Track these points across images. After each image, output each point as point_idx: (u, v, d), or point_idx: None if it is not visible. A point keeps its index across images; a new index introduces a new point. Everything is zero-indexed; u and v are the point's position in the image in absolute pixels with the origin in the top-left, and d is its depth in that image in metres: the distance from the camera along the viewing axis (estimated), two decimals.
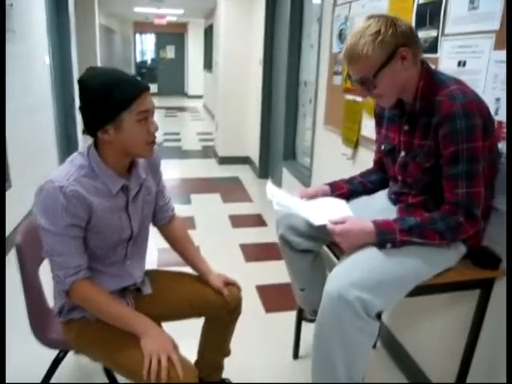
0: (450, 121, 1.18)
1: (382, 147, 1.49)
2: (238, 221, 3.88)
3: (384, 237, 1.22)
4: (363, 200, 1.57)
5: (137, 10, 9.69)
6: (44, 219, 1.19)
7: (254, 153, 5.54)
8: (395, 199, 1.47)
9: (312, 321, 1.97)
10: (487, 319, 1.45)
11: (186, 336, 1.46)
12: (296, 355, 2.06)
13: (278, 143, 4.78)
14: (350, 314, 1.15)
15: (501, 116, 1.38)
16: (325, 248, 1.63)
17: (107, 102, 1.16)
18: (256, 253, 3.25)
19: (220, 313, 1.53)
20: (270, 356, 2.09)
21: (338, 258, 1.53)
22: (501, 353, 1.43)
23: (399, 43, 1.21)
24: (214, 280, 1.52)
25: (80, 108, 1.23)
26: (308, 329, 2.00)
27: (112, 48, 9.54)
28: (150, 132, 1.24)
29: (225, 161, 5.88)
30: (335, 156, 2.76)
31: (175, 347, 1.21)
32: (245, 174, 5.51)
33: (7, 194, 2.93)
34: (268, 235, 3.58)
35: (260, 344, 2.18)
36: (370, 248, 1.24)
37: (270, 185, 1.56)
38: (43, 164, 3.90)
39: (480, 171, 1.21)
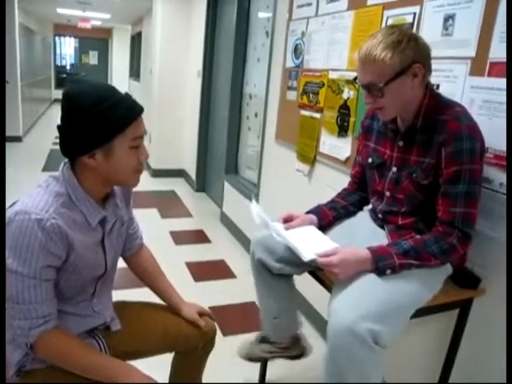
0: (456, 140, 1.18)
1: (370, 160, 1.45)
2: (180, 237, 3.70)
3: (383, 262, 1.18)
4: (345, 225, 1.51)
5: (60, 11, 9.09)
6: (12, 259, 0.98)
7: (190, 166, 5.38)
8: (382, 218, 1.43)
9: None
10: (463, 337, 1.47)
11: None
12: (263, 381, 1.96)
13: (217, 156, 4.68)
14: (362, 348, 1.09)
15: None
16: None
17: (101, 124, 1.01)
18: (204, 271, 3.10)
19: (195, 345, 1.40)
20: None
21: (323, 284, 1.47)
22: (478, 372, 1.46)
23: (416, 59, 1.19)
24: (189, 312, 1.40)
25: (62, 127, 1.05)
26: None
27: (32, 50, 8.81)
28: (139, 161, 1.11)
29: (158, 173, 5.63)
30: (288, 171, 2.73)
31: None
32: (180, 187, 5.32)
33: None
34: (213, 252, 3.45)
35: (223, 370, 2.04)
36: (370, 276, 1.19)
37: (254, 205, 1.44)
38: None
39: (477, 193, 1.22)
